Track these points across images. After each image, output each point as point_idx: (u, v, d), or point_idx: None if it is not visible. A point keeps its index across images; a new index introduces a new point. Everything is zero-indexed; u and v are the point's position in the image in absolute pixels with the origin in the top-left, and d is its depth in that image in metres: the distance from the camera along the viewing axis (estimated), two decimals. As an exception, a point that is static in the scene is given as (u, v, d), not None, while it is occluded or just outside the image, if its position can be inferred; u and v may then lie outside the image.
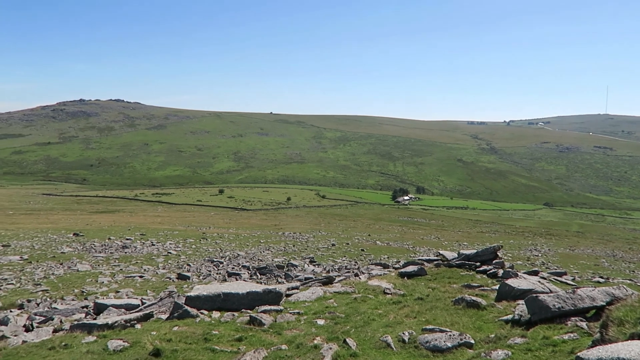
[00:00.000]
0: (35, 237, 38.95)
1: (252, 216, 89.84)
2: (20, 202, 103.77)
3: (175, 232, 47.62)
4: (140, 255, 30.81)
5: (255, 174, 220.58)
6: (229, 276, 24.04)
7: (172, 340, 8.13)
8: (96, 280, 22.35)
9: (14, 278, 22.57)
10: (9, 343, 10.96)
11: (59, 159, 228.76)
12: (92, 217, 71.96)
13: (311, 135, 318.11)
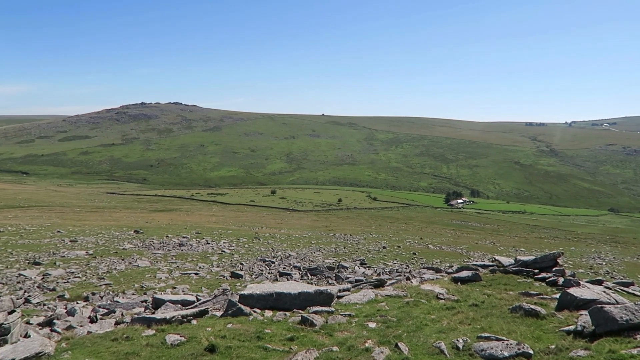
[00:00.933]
0: (100, 234, 41.02)
1: (304, 217, 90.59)
2: (86, 200, 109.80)
3: (229, 232, 48.76)
4: (195, 253, 31.76)
5: (306, 175, 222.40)
6: (281, 276, 24.33)
7: (226, 337, 8.33)
8: (155, 276, 23.23)
9: (80, 272, 23.87)
10: (75, 333, 11.60)
11: (121, 160, 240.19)
12: (151, 215, 75.01)
13: (363, 137, 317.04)
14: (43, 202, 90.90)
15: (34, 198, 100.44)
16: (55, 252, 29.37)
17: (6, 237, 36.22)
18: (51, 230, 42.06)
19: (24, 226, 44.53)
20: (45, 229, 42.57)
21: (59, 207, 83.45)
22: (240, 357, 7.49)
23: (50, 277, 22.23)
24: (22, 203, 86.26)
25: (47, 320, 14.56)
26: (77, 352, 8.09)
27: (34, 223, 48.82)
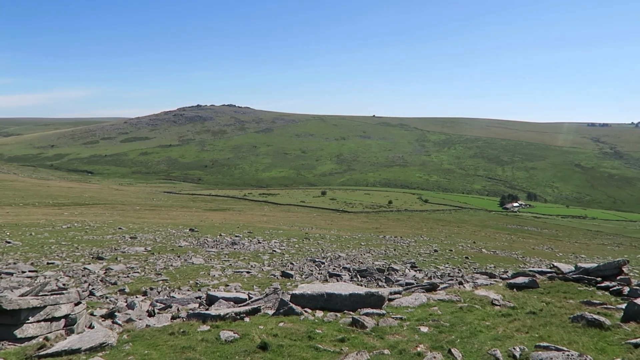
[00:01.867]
0: (157, 231, 42.68)
1: (354, 218, 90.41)
2: (145, 198, 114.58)
3: (279, 231, 49.41)
4: (247, 252, 32.41)
5: (357, 176, 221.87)
6: (330, 277, 24.40)
7: (278, 335, 8.45)
8: (208, 274, 23.89)
9: (139, 267, 24.93)
10: (135, 325, 12.13)
11: (178, 160, 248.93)
12: (205, 214, 77.26)
13: (414, 138, 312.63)
14: (106, 200, 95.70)
15: (98, 196, 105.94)
16: (117, 248, 30.84)
17: (73, 232, 38.40)
18: (113, 227, 44.20)
19: (89, 222, 47.05)
20: (108, 226, 44.79)
21: (120, 205, 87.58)
22: (291, 356, 7.57)
23: (112, 272, 23.36)
24: (87, 201, 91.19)
25: (109, 312, 15.31)
26: (137, 344, 8.46)
27: (97, 220, 51.48)
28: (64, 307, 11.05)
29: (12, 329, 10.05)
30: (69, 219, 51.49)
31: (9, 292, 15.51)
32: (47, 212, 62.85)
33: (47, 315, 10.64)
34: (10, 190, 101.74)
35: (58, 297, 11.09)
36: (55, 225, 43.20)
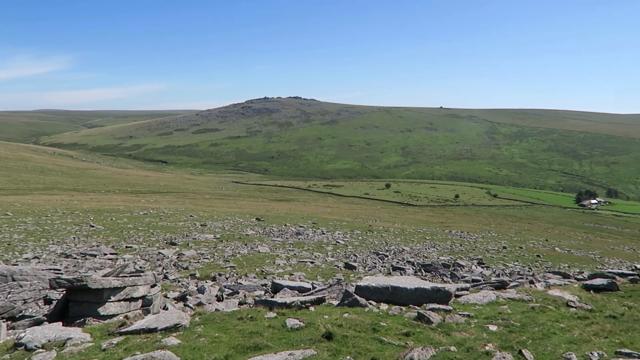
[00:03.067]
0: (226, 220, 44.20)
1: (418, 212, 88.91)
2: (215, 188, 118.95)
3: (343, 223, 49.58)
4: (311, 242, 32.82)
5: (422, 169, 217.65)
6: (394, 270, 24.19)
7: (342, 325, 8.50)
8: (273, 262, 24.47)
9: (209, 254, 25.99)
10: (205, 309, 12.67)
11: (246, 151, 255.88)
12: (271, 204, 79.01)
13: (483, 131, 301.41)
14: (178, 189, 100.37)
15: (171, 185, 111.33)
16: (188, 235, 32.30)
17: (149, 219, 40.64)
18: (185, 214, 46.30)
19: (163, 210, 49.57)
20: (180, 213, 46.97)
21: (191, 193, 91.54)
22: (356, 347, 7.60)
23: (184, 257, 24.51)
24: (161, 189, 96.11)
25: (181, 295, 16.09)
26: (208, 327, 8.84)
27: (171, 207, 54.13)
28: (141, 289, 11.75)
29: (95, 306, 10.82)
30: (145, 205, 54.53)
31: (93, 273, 16.72)
32: (126, 199, 66.95)
33: (127, 296, 11.36)
34: (93, 178, 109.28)
35: (136, 278, 11.80)
36: (133, 211, 45.92)
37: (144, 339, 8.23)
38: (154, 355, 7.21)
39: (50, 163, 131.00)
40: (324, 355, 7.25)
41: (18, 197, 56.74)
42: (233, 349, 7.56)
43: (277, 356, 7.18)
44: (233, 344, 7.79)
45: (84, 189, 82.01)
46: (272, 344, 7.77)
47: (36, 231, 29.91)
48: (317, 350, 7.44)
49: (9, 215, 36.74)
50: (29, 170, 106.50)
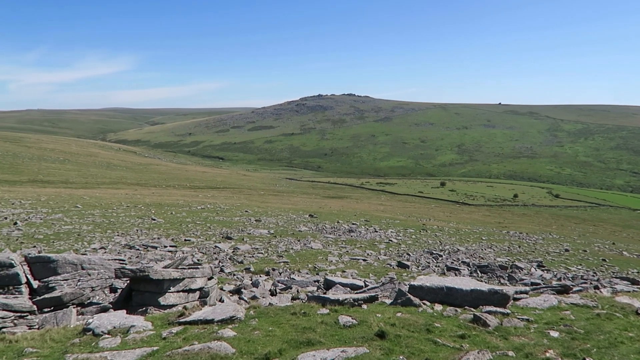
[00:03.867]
0: (279, 215, 44.87)
1: (474, 211, 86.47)
2: (269, 184, 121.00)
3: (396, 221, 49.05)
4: (364, 240, 32.72)
5: (479, 167, 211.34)
6: (448, 270, 23.69)
7: (395, 325, 8.42)
8: (326, 259, 24.60)
9: (263, 248, 26.51)
10: (259, 303, 12.92)
11: (299, 148, 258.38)
12: (324, 201, 79.40)
13: (545, 128, 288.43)
14: (234, 185, 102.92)
15: (228, 181, 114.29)
16: (243, 230, 33.06)
17: (206, 213, 41.95)
18: (240, 209, 47.42)
19: (220, 205, 51.00)
20: (236, 208, 48.16)
21: (246, 189, 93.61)
22: (409, 347, 7.50)
23: (239, 251, 25.13)
24: (218, 184, 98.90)
25: (236, 288, 16.51)
26: (262, 321, 9.02)
27: (227, 202, 55.60)
28: (199, 281, 12.16)
29: (156, 296, 11.31)
30: (203, 200, 56.32)
31: (154, 264, 17.46)
32: (184, 193, 69.43)
33: (185, 287, 11.79)
34: (155, 173, 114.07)
35: (194, 271, 12.22)
36: (191, 205, 47.56)
37: (201, 329, 8.52)
38: (210, 345, 7.44)
39: (115, 159, 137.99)
40: (377, 354, 7.22)
41: (87, 191, 60.18)
42: (286, 343, 7.67)
43: (329, 352, 7.22)
44: (286, 338, 7.91)
45: (146, 183, 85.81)
46: (324, 340, 7.81)
47: (103, 223, 31.63)
48: (370, 348, 7.41)
49: (79, 207, 39.04)
50: (96, 165, 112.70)
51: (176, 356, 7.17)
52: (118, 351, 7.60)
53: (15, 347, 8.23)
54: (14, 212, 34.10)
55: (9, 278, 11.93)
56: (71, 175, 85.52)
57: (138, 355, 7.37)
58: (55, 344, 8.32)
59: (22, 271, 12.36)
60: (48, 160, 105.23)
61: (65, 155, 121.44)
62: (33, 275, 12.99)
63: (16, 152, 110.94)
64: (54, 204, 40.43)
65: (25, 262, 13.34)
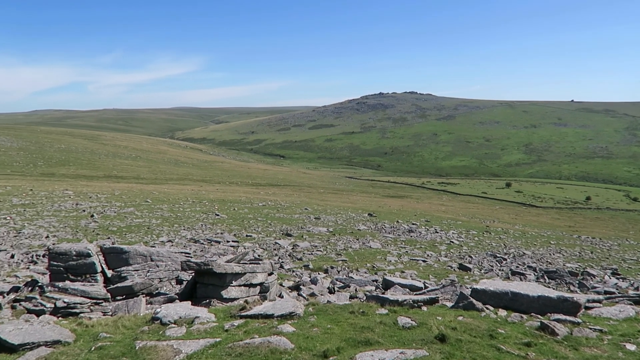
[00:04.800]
0: (338, 214, 44.99)
1: (542, 214, 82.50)
2: (329, 182, 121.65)
3: (458, 222, 47.78)
4: (424, 241, 32.14)
5: (548, 168, 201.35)
6: (512, 274, 22.80)
7: (456, 329, 8.19)
8: (385, 258, 24.39)
9: (321, 246, 26.69)
10: (318, 300, 13.03)
11: (359, 147, 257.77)
12: (383, 200, 78.74)
13: (623, 126, 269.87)
14: (294, 182, 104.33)
15: (288, 178, 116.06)
16: (303, 227, 33.45)
17: (267, 210, 42.82)
18: (300, 207, 48.00)
19: (280, 202, 51.89)
20: (296, 206, 48.80)
21: (306, 187, 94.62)
22: (470, 353, 7.27)
23: (298, 248, 25.46)
24: (279, 182, 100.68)
25: (295, 285, 16.73)
26: (321, 318, 9.08)
27: (287, 200, 56.46)
28: (259, 276, 12.43)
29: (219, 289, 11.69)
30: (264, 197, 57.52)
31: (217, 258, 18.04)
32: (247, 190, 71.25)
33: (246, 281, 12.10)
34: (219, 170, 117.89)
35: (255, 266, 12.51)
36: (253, 202, 48.73)
37: (261, 323, 8.71)
38: (270, 340, 7.59)
39: (182, 156, 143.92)
40: (437, 358, 7.06)
41: (156, 186, 63.22)
42: (344, 341, 7.68)
43: (387, 353, 7.15)
44: (345, 336, 7.91)
45: (211, 180, 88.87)
46: (383, 340, 7.75)
47: (170, 217, 33.10)
48: (429, 351, 7.26)
49: (149, 202, 41.08)
50: (165, 162, 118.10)
51: (237, 348, 7.38)
52: (183, 340, 7.93)
53: (92, 331, 8.80)
54: (91, 205, 36.44)
55: (86, 267, 12.77)
56: (142, 171, 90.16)
57: (202, 346, 7.65)
58: (126, 330, 8.82)
59: (98, 261, 13.19)
60: (122, 157, 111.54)
61: (137, 153, 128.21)
62: (107, 264, 13.85)
63: (94, 149, 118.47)
64: (127, 198, 42.79)
65: (101, 252, 14.23)
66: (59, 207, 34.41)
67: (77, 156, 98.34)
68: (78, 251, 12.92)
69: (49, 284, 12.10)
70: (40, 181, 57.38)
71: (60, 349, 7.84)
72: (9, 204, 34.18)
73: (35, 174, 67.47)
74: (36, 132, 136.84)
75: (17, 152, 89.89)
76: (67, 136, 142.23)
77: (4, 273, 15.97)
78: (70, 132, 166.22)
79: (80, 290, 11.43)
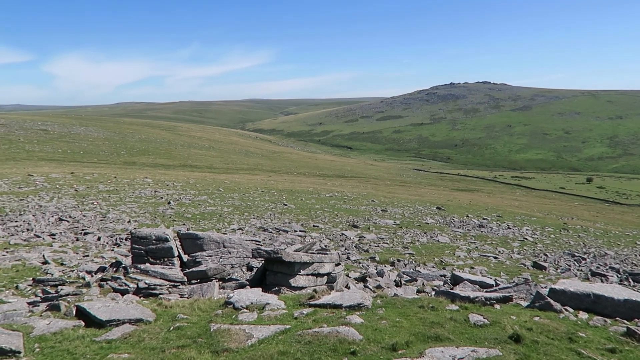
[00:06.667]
0: (406, 206, 44.40)
1: (628, 212, 76.79)
2: (396, 174, 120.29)
3: (532, 219, 45.61)
4: (495, 237, 30.99)
5: (636, 162, 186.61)
6: (592, 275, 21.44)
7: (532, 329, 7.83)
8: (453, 253, 23.79)
9: (388, 239, 26.50)
10: (385, 293, 12.97)
11: (428, 139, 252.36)
12: (452, 193, 76.71)
13: None
14: (361, 174, 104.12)
15: (355, 170, 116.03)
16: (369, 219, 33.36)
17: (334, 201, 43.11)
18: (367, 199, 47.88)
19: (347, 193, 52.04)
20: (362, 198, 48.74)
21: (373, 179, 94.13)
22: (547, 355, 6.94)
23: (364, 240, 25.44)
24: (346, 173, 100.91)
25: (361, 276, 16.75)
26: (389, 311, 9.03)
27: (354, 191, 56.51)
28: (327, 266, 12.56)
29: (288, 277, 11.95)
30: (331, 188, 57.92)
31: (286, 247, 18.44)
32: (314, 181, 72.08)
33: (314, 271, 12.27)
34: (287, 161, 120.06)
35: (323, 256, 12.65)
36: (320, 193, 49.23)
37: (330, 313, 8.81)
38: (339, 330, 7.66)
39: (253, 147, 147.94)
40: (510, 358, 6.80)
41: (228, 176, 65.53)
42: (413, 335, 7.59)
43: (458, 350, 6.98)
44: (413, 331, 7.82)
45: (279, 170, 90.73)
46: (453, 337, 7.58)
47: (241, 206, 34.22)
48: (503, 351, 7.00)
49: (221, 191, 42.68)
50: (236, 153, 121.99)
51: (306, 336, 7.52)
52: (255, 325, 8.19)
53: (170, 312, 9.32)
54: (168, 192, 38.45)
55: (164, 251, 13.52)
56: (215, 161, 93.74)
57: (272, 332, 7.87)
58: (201, 313, 9.25)
59: (175, 245, 13.92)
60: (196, 147, 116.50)
61: (210, 143, 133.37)
62: (183, 249, 14.58)
63: (170, 139, 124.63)
64: (200, 187, 44.72)
65: (177, 237, 15.00)
66: (139, 193, 36.63)
67: (156, 146, 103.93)
68: (157, 236, 13.70)
69: (132, 266, 12.95)
70: (123, 169, 61.31)
71: (142, 327, 8.37)
72: (96, 190, 36.87)
73: (118, 163, 72.18)
74: (119, 124, 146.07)
75: (103, 141, 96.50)
76: (146, 127, 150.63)
77: (92, 254, 17.27)
78: (149, 123, 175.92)
79: (159, 273, 12.13)
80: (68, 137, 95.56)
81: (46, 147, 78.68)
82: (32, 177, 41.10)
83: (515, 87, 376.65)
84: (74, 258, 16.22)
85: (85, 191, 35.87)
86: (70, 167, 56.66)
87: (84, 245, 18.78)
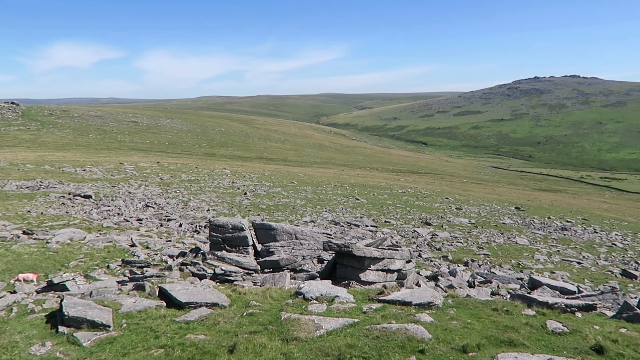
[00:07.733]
0: (482, 205, 42.83)
1: None
2: (472, 172, 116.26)
3: (623, 223, 42.27)
4: (579, 241, 29.13)
5: None
6: (694, 288, 19.53)
7: (618, 342, 7.32)
8: (532, 256, 22.68)
9: (462, 238, 25.75)
10: (457, 293, 12.67)
11: (508, 135, 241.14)
12: (533, 193, 72.85)
13: None
14: (436, 171, 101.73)
15: (429, 166, 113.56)
16: (443, 217, 32.58)
17: (406, 197, 42.54)
18: (441, 196, 46.75)
19: (420, 190, 51.11)
20: (436, 195, 47.65)
21: (448, 176, 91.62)
22: (634, 370, 6.48)
23: (437, 238, 24.91)
24: (420, 169, 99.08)
25: (433, 275, 16.45)
26: (460, 311, 8.82)
27: (427, 188, 55.37)
28: (397, 262, 12.47)
29: (357, 272, 12.00)
30: (404, 184, 57.14)
31: (356, 241, 18.52)
32: (387, 176, 71.46)
33: (384, 267, 12.23)
34: (360, 155, 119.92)
35: (393, 252, 12.57)
36: (392, 189, 48.75)
37: (399, 310, 8.76)
38: (407, 327, 7.61)
39: (326, 141, 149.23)
40: (592, 370, 6.42)
41: (301, 169, 66.67)
42: (485, 339, 7.37)
43: (533, 357, 6.69)
44: (486, 334, 7.59)
45: (352, 165, 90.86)
46: (528, 343, 7.26)
47: (313, 199, 34.72)
48: (583, 362, 6.63)
49: (294, 183, 43.55)
50: (310, 146, 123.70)
51: (375, 331, 7.54)
52: (324, 317, 8.35)
53: (244, 298, 9.73)
54: (244, 183, 39.85)
55: (239, 239, 14.09)
56: (289, 154, 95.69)
57: (341, 324, 7.98)
58: (273, 301, 9.57)
59: (250, 235, 14.45)
60: (272, 140, 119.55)
61: (285, 136, 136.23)
62: (257, 239, 15.10)
63: (248, 132, 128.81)
64: (275, 179, 45.90)
65: (252, 227, 15.56)
66: (218, 184, 38.29)
67: (234, 138, 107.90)
68: (234, 225, 14.29)
69: (209, 252, 13.62)
70: (204, 160, 64.33)
71: (217, 311, 8.81)
72: (178, 179, 39.03)
73: (199, 154, 75.82)
74: (201, 116, 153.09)
75: (185, 133, 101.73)
76: (226, 120, 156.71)
77: (174, 239, 18.35)
78: (228, 116, 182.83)
79: (235, 260, 12.66)
80: (155, 128, 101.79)
81: (135, 137, 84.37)
82: (123, 165, 44.31)
83: (607, 81, 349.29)
84: (158, 242, 17.34)
85: (169, 180, 38.10)
86: (156, 157, 60.38)
87: (167, 231, 20.00)
